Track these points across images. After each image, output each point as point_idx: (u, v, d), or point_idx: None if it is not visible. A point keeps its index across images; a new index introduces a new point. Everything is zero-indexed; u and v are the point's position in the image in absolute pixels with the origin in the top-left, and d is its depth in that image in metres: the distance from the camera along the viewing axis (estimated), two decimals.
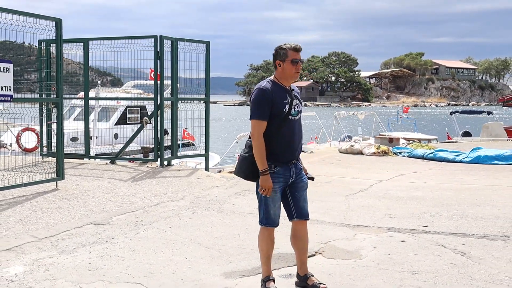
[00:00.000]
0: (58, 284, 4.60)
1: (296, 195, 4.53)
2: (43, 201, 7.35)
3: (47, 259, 5.23)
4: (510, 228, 6.53)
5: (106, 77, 15.65)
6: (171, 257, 5.37)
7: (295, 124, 4.41)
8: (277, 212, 4.49)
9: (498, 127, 25.33)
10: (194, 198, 8.09)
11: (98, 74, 14.72)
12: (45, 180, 7.96)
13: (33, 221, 6.50)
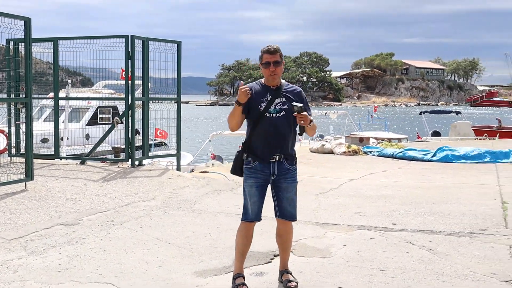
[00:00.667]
0: (27, 285, 4.57)
1: (279, 195, 4.58)
2: (12, 202, 7.27)
3: (16, 260, 5.18)
4: (475, 225, 6.68)
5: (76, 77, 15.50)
6: (142, 256, 5.37)
7: (277, 121, 4.46)
8: (253, 208, 4.59)
9: (466, 127, 25.80)
10: (166, 198, 8.09)
11: (67, 74, 14.57)
12: (13, 181, 7.87)
13: (1, 222, 6.43)
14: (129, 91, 9.76)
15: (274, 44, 4.52)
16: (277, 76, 4.49)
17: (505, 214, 7.29)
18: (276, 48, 4.48)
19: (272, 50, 4.45)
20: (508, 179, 10.27)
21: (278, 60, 4.46)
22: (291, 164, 4.55)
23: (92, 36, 9.91)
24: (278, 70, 4.48)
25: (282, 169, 4.51)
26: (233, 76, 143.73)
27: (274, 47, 4.48)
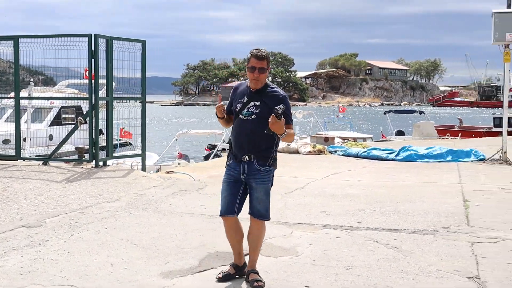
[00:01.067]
0: None
1: (251, 194, 4.69)
2: None
3: None
4: (438, 223, 6.80)
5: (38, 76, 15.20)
6: (107, 258, 5.30)
7: (247, 124, 4.56)
8: (223, 202, 4.71)
9: (429, 126, 26.27)
10: (131, 199, 8.00)
11: (29, 73, 14.29)
12: None
13: None
14: (93, 91, 9.61)
15: (263, 50, 4.57)
16: (260, 81, 4.57)
17: (467, 212, 7.44)
18: (265, 54, 4.55)
19: (260, 56, 4.53)
20: (469, 178, 10.48)
21: (264, 67, 4.53)
22: (263, 165, 4.58)
23: (54, 35, 9.73)
24: (261, 76, 4.55)
25: (252, 169, 4.58)
26: (198, 76, 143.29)
27: (263, 54, 4.54)
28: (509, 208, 7.66)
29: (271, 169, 4.65)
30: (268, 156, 4.61)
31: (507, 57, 12.61)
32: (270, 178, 4.68)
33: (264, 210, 4.69)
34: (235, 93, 4.75)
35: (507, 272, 4.96)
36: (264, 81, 4.59)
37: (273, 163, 4.67)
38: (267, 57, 4.54)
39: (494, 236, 6.16)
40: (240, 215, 4.74)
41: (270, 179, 4.69)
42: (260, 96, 4.58)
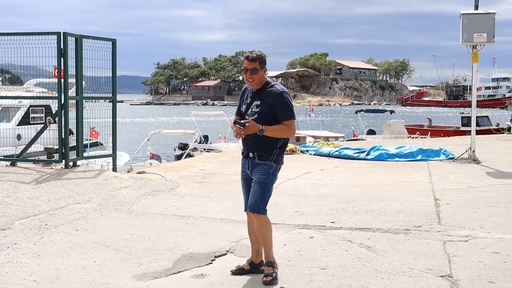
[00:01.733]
0: None
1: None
2: None
3: None
4: (411, 222, 6.85)
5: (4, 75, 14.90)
6: (78, 261, 5.20)
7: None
8: (244, 198, 4.98)
9: (400, 125, 26.56)
10: (102, 200, 7.88)
11: None
12: None
13: None
14: (62, 90, 9.44)
15: (256, 51, 4.74)
16: (255, 82, 4.73)
17: (438, 210, 7.52)
18: (256, 56, 4.71)
19: (251, 58, 4.70)
20: (439, 177, 10.61)
21: (256, 67, 4.68)
22: (264, 160, 4.73)
23: (22, 33, 9.51)
24: (255, 76, 4.70)
25: (254, 164, 4.77)
26: (168, 75, 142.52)
27: (254, 56, 4.70)
28: (478, 206, 7.77)
29: (271, 164, 4.74)
30: (270, 153, 4.74)
31: (475, 58, 12.81)
32: (269, 172, 4.74)
33: (253, 202, 4.75)
34: (242, 95, 4.94)
35: (478, 270, 5.02)
36: (260, 81, 4.73)
37: (276, 160, 4.76)
38: (258, 58, 4.70)
39: (465, 235, 6.23)
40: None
41: (268, 174, 4.74)
42: (260, 95, 4.75)
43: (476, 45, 12.64)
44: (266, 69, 4.81)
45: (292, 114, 4.72)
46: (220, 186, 9.43)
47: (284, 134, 4.70)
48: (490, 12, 12.60)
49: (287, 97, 4.72)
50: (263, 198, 4.76)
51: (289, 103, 4.71)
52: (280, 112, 4.66)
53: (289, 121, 4.68)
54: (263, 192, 4.75)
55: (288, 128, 4.68)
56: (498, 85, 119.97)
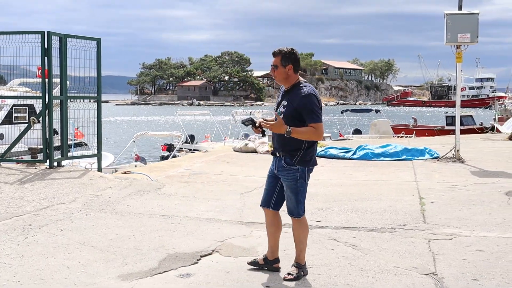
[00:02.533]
0: None
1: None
2: None
3: None
4: (396, 221, 6.89)
5: None
6: (63, 261, 5.16)
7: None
8: (264, 194, 5.00)
9: (385, 125, 26.67)
10: (87, 200, 7.83)
11: None
12: None
13: None
14: (46, 90, 9.36)
15: (285, 47, 4.70)
16: (277, 78, 4.75)
17: (423, 209, 7.57)
18: (278, 51, 4.69)
19: (273, 52, 4.71)
20: (424, 176, 10.68)
21: (277, 63, 4.67)
22: (288, 163, 4.70)
23: (5, 32, 9.41)
24: (276, 73, 4.71)
25: (280, 166, 4.77)
26: (154, 75, 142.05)
27: (276, 51, 4.69)
28: (463, 205, 7.83)
29: (296, 167, 4.69)
30: (294, 154, 4.69)
31: (459, 58, 12.91)
32: (296, 177, 4.71)
33: (293, 208, 4.80)
34: (279, 93, 4.98)
35: (462, 268, 5.06)
36: (283, 78, 4.71)
37: (301, 162, 4.69)
38: (281, 53, 4.66)
39: (450, 233, 6.28)
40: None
41: (296, 179, 4.72)
42: (288, 95, 4.72)
43: (460, 45, 12.73)
44: (292, 67, 4.69)
45: (319, 117, 4.60)
46: (206, 186, 9.41)
47: (312, 137, 4.62)
48: (473, 13, 12.70)
49: (314, 99, 4.61)
50: (299, 202, 4.78)
51: (315, 106, 4.60)
52: (307, 115, 4.57)
53: (316, 124, 4.56)
54: (297, 197, 4.76)
55: (315, 131, 4.58)
56: (482, 85, 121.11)
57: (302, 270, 4.81)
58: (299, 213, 4.80)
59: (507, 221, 6.84)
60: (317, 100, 4.65)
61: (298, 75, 4.78)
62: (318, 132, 4.60)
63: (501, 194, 8.59)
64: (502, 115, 33.40)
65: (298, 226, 4.86)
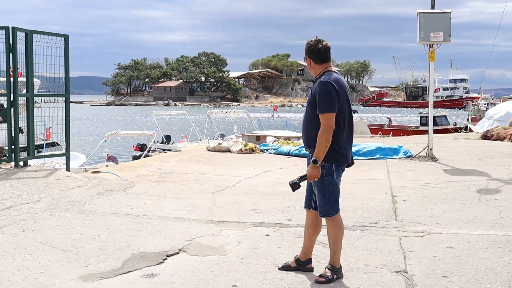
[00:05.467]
0: None
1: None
2: None
3: None
4: (367, 219, 6.81)
5: None
6: (22, 262, 4.97)
7: (305, 112, 4.71)
8: (305, 194, 4.83)
9: (363, 125, 26.77)
10: (52, 200, 7.61)
11: None
12: None
13: None
14: (11, 87, 9.09)
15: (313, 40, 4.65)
16: (308, 69, 4.74)
17: (395, 207, 7.51)
18: (305, 44, 4.67)
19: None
20: (397, 174, 10.65)
21: (305, 56, 4.70)
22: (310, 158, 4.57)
23: None
24: (307, 64, 4.72)
25: (308, 163, 4.64)
26: (129, 76, 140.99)
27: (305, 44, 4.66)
28: (435, 202, 7.79)
29: (322, 164, 4.48)
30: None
31: (432, 56, 12.93)
32: (322, 173, 4.51)
33: (320, 207, 4.63)
34: None
35: (433, 265, 4.98)
36: (309, 69, 4.73)
37: (327, 158, 4.48)
38: (305, 47, 4.66)
39: (421, 230, 6.22)
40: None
41: (322, 175, 4.51)
42: (313, 86, 4.65)
43: (433, 44, 12.76)
44: (310, 59, 4.62)
45: (326, 107, 4.39)
46: (177, 185, 9.24)
47: (325, 136, 4.39)
48: (446, 12, 12.75)
49: (327, 87, 4.42)
50: (327, 201, 4.57)
51: (326, 94, 4.41)
52: (317, 103, 4.44)
53: (322, 114, 4.40)
54: (324, 195, 4.56)
55: (322, 130, 4.39)
56: (455, 86, 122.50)
57: (336, 273, 4.59)
58: (328, 212, 4.59)
59: (478, 218, 6.81)
60: (333, 88, 4.42)
61: (325, 65, 4.62)
62: (324, 124, 4.39)
63: (473, 192, 8.59)
64: (475, 115, 33.73)
65: (330, 226, 4.65)
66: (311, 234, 4.84)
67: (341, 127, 4.51)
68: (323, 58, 4.63)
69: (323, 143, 4.40)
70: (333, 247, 4.67)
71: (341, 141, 4.54)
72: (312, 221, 4.81)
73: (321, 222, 4.84)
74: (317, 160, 4.40)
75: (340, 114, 4.48)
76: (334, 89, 4.43)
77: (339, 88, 4.47)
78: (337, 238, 4.67)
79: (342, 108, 4.49)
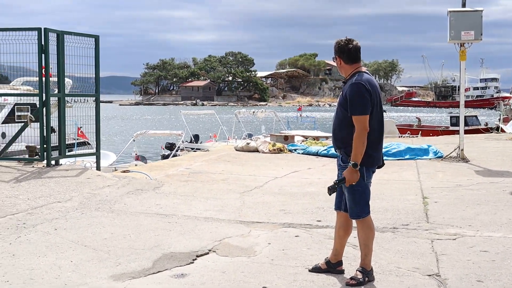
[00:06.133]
0: None
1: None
2: None
3: None
4: (398, 220, 6.73)
5: None
6: (55, 261, 5.02)
7: (335, 113, 4.65)
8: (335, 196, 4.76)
9: (391, 125, 26.50)
10: (83, 199, 7.69)
11: None
12: None
13: None
14: (43, 87, 9.20)
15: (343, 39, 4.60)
16: (338, 69, 4.71)
17: (426, 209, 7.40)
18: (334, 44, 4.62)
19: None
20: (427, 175, 10.51)
21: (334, 56, 4.65)
22: (345, 161, 4.52)
23: (1, 28, 9.28)
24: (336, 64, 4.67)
25: (339, 164, 4.63)
26: (158, 76, 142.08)
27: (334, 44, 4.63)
28: (467, 204, 7.66)
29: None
30: (349, 151, 4.43)
31: (463, 56, 12.73)
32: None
33: (350, 209, 4.58)
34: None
35: (466, 269, 4.89)
36: (341, 70, 4.65)
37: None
38: (334, 47, 4.61)
39: (453, 233, 6.12)
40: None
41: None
42: (344, 86, 4.59)
43: (464, 43, 12.56)
44: (340, 59, 4.57)
45: (360, 109, 4.33)
46: (205, 185, 9.26)
47: (361, 138, 4.33)
48: (477, 10, 12.54)
49: (360, 89, 4.36)
50: (357, 203, 4.52)
51: (358, 96, 4.34)
52: (349, 106, 4.38)
53: (356, 117, 4.34)
54: (354, 197, 4.51)
55: (357, 133, 4.34)
56: (486, 86, 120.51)
57: (367, 275, 4.53)
58: (358, 214, 4.53)
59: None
60: (366, 89, 4.36)
61: (356, 65, 4.55)
62: (359, 127, 4.33)
63: (506, 194, 8.42)
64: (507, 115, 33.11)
65: (360, 228, 4.60)
66: (341, 236, 4.78)
67: (374, 128, 4.44)
68: (353, 58, 4.57)
69: (360, 146, 4.34)
70: (364, 249, 4.60)
71: (372, 143, 4.47)
72: (342, 222, 4.76)
73: (351, 224, 4.78)
74: (356, 164, 4.35)
75: (371, 115, 4.42)
76: (366, 91, 4.38)
77: (371, 88, 4.41)
78: (368, 240, 4.60)
79: (373, 109, 4.44)
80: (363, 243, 4.61)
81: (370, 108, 4.39)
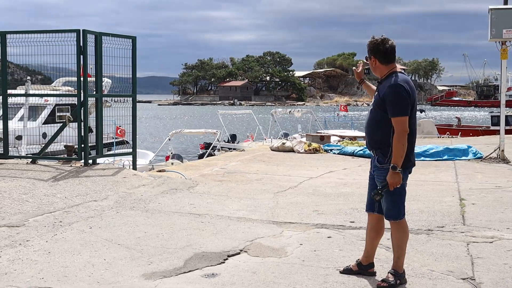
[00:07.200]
0: None
1: None
2: None
3: None
4: (433, 222, 6.61)
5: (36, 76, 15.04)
6: (89, 259, 5.10)
7: (369, 115, 4.59)
8: (367, 198, 4.74)
9: (430, 125, 26.09)
10: (119, 198, 7.80)
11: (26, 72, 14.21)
12: None
13: None
14: (81, 87, 9.37)
15: (377, 38, 4.54)
16: (372, 69, 4.63)
17: (463, 211, 7.26)
18: (367, 43, 4.57)
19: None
20: (465, 176, 10.30)
21: (368, 55, 4.59)
22: (381, 162, 4.44)
23: (42, 31, 9.48)
24: (370, 64, 4.60)
25: (374, 165, 4.53)
26: (196, 75, 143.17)
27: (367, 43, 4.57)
28: (506, 207, 7.48)
29: (389, 166, 4.34)
30: (385, 151, 4.41)
31: (504, 54, 12.44)
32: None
33: (387, 210, 4.53)
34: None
35: (503, 273, 4.77)
36: (376, 70, 4.57)
37: (390, 161, 4.36)
38: (368, 46, 4.54)
39: (491, 236, 5.98)
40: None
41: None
42: (379, 87, 4.54)
43: (506, 41, 12.26)
44: (375, 59, 4.51)
45: (400, 111, 4.27)
46: (240, 184, 9.29)
47: (402, 140, 4.28)
48: None
49: (399, 90, 4.30)
50: (394, 205, 4.48)
51: (397, 97, 4.29)
52: (388, 107, 4.32)
53: (395, 119, 4.28)
54: (392, 198, 4.46)
55: (397, 134, 4.28)
56: None
57: (399, 278, 4.47)
58: (395, 216, 4.49)
59: None
60: (405, 91, 4.30)
61: (391, 66, 4.50)
62: (399, 128, 4.27)
63: None
64: None
65: (395, 230, 4.54)
66: (373, 238, 4.73)
67: (411, 129, 4.39)
68: (389, 58, 4.50)
69: (401, 148, 4.29)
70: (397, 251, 4.53)
71: (410, 144, 4.42)
72: (374, 224, 4.71)
73: (383, 226, 4.71)
74: (396, 166, 4.28)
75: (409, 117, 4.37)
76: (406, 92, 4.32)
77: (410, 89, 4.36)
78: (401, 242, 4.53)
79: (411, 110, 4.39)
80: (396, 245, 4.54)
81: (409, 109, 4.34)
